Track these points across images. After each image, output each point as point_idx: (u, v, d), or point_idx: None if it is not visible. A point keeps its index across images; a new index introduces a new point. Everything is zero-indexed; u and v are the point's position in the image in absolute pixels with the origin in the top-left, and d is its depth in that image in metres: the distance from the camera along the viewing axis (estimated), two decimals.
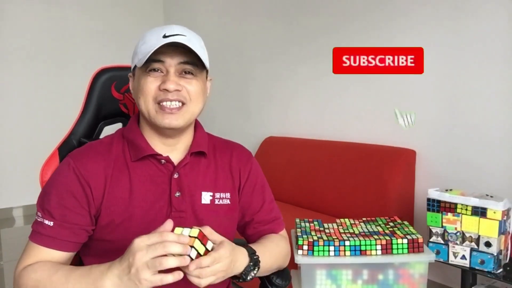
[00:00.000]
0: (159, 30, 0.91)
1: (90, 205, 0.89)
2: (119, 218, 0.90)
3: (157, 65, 0.89)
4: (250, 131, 3.37)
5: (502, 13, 1.86)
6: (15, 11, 3.69)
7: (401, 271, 1.29)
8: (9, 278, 2.54)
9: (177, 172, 0.94)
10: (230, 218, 1.01)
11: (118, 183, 0.91)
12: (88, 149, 0.95)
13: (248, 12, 3.36)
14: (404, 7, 2.24)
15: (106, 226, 0.90)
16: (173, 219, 0.89)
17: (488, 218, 1.51)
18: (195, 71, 0.92)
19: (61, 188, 0.89)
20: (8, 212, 3.74)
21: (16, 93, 3.74)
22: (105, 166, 0.91)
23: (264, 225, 1.06)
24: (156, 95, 0.89)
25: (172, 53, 0.88)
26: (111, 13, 4.18)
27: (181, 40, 0.87)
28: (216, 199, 0.98)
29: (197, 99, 0.92)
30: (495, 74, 1.90)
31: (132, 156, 0.93)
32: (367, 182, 2.22)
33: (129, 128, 0.98)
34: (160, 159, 0.94)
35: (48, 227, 0.86)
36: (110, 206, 0.90)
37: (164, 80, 0.88)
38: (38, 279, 0.81)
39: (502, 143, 1.89)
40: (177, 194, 0.93)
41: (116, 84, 1.18)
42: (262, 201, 1.06)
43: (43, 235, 0.86)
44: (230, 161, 1.03)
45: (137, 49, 0.92)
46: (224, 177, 1.01)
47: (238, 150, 1.07)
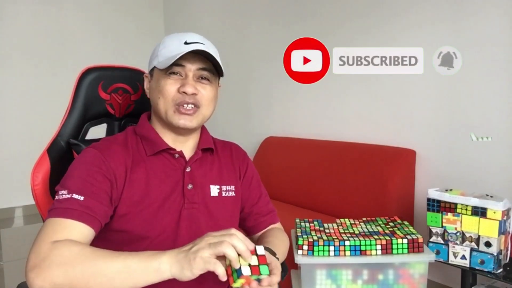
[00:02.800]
0: (179, 36, 0.99)
1: (113, 190, 0.90)
2: (135, 209, 0.93)
3: (178, 69, 0.96)
4: (250, 131, 3.37)
5: (502, 13, 1.86)
6: (12, 11, 3.69)
7: (401, 271, 1.29)
8: (9, 278, 2.54)
9: (189, 166, 1.01)
10: (235, 209, 1.09)
11: (135, 175, 0.95)
12: (108, 141, 0.98)
13: (249, 12, 3.36)
14: (403, 7, 2.24)
15: (123, 216, 0.92)
16: (186, 210, 0.97)
17: (488, 218, 1.51)
18: (211, 78, 0.99)
19: (88, 165, 0.90)
20: (8, 212, 3.74)
21: (16, 93, 3.74)
22: (125, 157, 0.95)
23: (263, 216, 1.14)
24: (175, 97, 0.96)
25: (192, 59, 0.96)
26: (110, 13, 4.18)
27: (201, 47, 0.95)
28: (223, 192, 1.05)
29: (209, 104, 1.00)
30: (495, 74, 1.90)
31: (148, 150, 0.99)
32: (367, 182, 2.22)
33: (141, 126, 1.03)
34: (174, 154, 1.00)
35: (78, 202, 0.84)
36: (129, 197, 0.93)
37: (183, 84, 0.95)
38: (77, 251, 0.75)
39: (502, 143, 1.89)
40: (190, 186, 0.99)
41: (103, 84, 1.16)
42: (259, 193, 1.15)
43: (73, 209, 0.83)
44: (231, 157, 1.12)
45: (158, 52, 0.99)
46: (228, 171, 1.09)
47: (235, 148, 1.16)
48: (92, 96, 1.15)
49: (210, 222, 1.01)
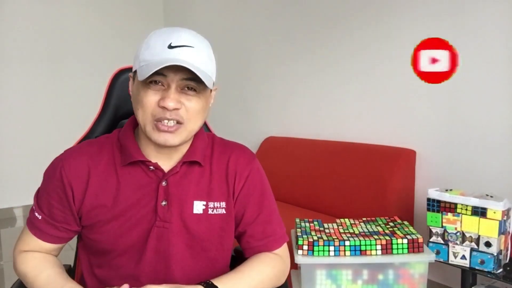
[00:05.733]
0: (165, 36, 0.83)
1: (71, 206, 0.90)
2: (102, 220, 0.89)
3: (159, 78, 0.82)
4: (250, 131, 3.37)
5: (502, 13, 1.86)
6: (14, 11, 3.69)
7: (401, 271, 1.29)
8: (9, 278, 2.54)
9: (166, 180, 0.90)
10: (226, 228, 0.95)
11: (104, 186, 0.89)
12: (78, 148, 0.93)
13: (248, 11, 3.36)
14: (403, 7, 2.23)
15: (90, 226, 0.91)
16: (157, 228, 0.90)
17: (488, 218, 1.51)
18: (198, 88, 0.84)
19: (48, 186, 0.92)
20: (8, 212, 3.73)
21: (16, 93, 3.74)
22: (90, 167, 0.90)
23: (258, 241, 0.96)
24: (155, 112, 0.82)
25: (176, 67, 0.80)
26: (110, 12, 4.17)
27: (187, 54, 0.81)
28: (209, 209, 0.92)
29: (196, 117, 0.86)
30: (496, 74, 1.90)
31: (122, 160, 0.90)
32: (367, 182, 2.22)
33: (123, 132, 0.94)
34: (149, 166, 0.90)
35: (37, 219, 0.92)
36: (93, 209, 0.89)
37: (163, 96, 0.82)
38: (26, 273, 0.90)
39: (502, 143, 1.89)
40: (163, 203, 0.89)
41: None
42: (258, 211, 0.96)
43: (34, 225, 0.93)
44: (226, 167, 0.95)
45: (139, 53, 0.85)
46: (219, 185, 0.94)
47: (237, 152, 0.98)
48: (124, 96, 1.19)
49: (189, 241, 0.91)
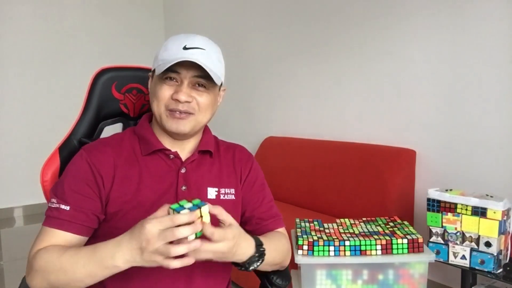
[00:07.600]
0: (181, 39, 0.97)
1: (101, 192, 0.94)
2: (126, 207, 0.94)
3: (173, 75, 0.95)
4: (250, 131, 3.37)
5: (503, 13, 1.86)
6: (14, 11, 3.69)
7: (401, 271, 1.29)
8: (9, 278, 2.54)
9: (184, 167, 1.01)
10: (235, 213, 1.04)
11: (127, 174, 0.96)
12: (99, 143, 1.01)
13: (249, 13, 3.36)
14: (404, 7, 2.24)
15: (114, 214, 0.94)
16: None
17: (488, 218, 1.51)
18: (208, 85, 0.98)
19: (75, 176, 0.94)
20: (8, 212, 3.73)
21: (16, 93, 3.74)
22: (114, 158, 0.97)
23: (265, 221, 1.10)
24: (168, 103, 0.96)
25: (188, 66, 0.94)
26: (111, 12, 4.18)
27: (199, 54, 0.94)
28: (221, 195, 1.03)
29: (206, 110, 0.99)
30: (496, 74, 1.90)
31: (143, 150, 1.00)
32: (367, 182, 2.22)
33: (140, 126, 1.05)
34: (169, 154, 1.00)
35: (65, 211, 0.91)
36: (119, 196, 0.94)
37: (177, 90, 0.95)
38: (48, 259, 0.85)
39: (502, 143, 1.89)
40: (183, 187, 0.99)
41: (117, 84, 1.18)
42: (262, 197, 1.11)
43: (60, 219, 0.90)
44: (233, 159, 1.10)
45: (158, 54, 0.98)
46: (228, 174, 1.07)
47: (239, 148, 1.14)
48: (106, 96, 1.17)
49: None
